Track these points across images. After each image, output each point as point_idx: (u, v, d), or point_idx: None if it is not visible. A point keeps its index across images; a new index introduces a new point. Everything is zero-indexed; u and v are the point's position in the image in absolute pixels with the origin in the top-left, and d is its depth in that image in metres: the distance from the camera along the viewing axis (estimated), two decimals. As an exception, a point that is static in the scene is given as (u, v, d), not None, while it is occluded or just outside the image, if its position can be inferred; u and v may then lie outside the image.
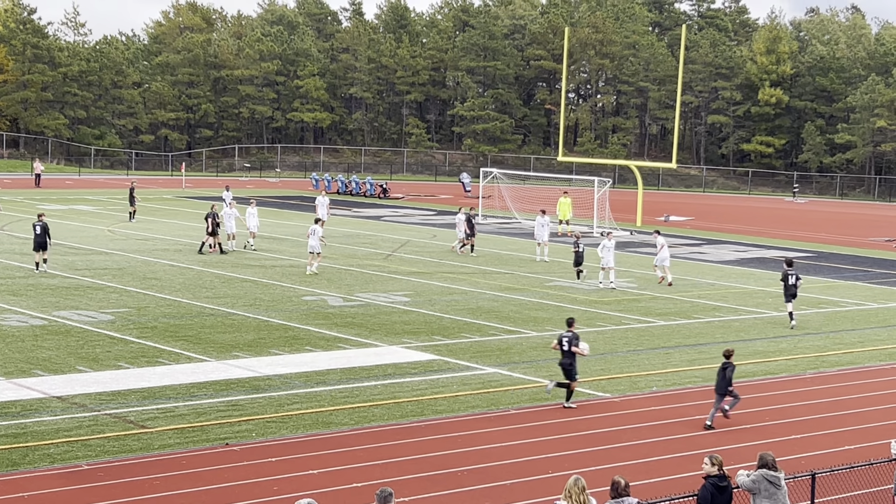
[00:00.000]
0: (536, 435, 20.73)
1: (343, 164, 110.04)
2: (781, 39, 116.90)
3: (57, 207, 61.66)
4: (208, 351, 26.68)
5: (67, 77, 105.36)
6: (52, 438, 19.32)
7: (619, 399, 23.76)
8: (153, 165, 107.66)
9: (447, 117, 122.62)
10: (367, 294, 36.11)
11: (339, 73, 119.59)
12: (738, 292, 40.11)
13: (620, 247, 53.71)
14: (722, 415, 21.87)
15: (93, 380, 23.41)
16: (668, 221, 69.46)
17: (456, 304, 34.98)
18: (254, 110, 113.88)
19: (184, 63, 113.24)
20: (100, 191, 77.39)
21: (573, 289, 39.16)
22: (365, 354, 27.15)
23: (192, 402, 21.99)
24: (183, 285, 36.41)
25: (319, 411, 21.78)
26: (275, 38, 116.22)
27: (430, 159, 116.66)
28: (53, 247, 43.46)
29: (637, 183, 69.66)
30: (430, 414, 21.92)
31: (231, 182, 75.72)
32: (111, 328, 28.87)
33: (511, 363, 26.74)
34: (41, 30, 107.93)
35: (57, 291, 34.26)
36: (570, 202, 58.94)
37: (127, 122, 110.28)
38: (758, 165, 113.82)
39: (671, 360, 27.98)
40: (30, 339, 27.19)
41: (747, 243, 57.95)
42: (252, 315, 31.58)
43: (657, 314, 34.59)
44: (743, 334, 31.91)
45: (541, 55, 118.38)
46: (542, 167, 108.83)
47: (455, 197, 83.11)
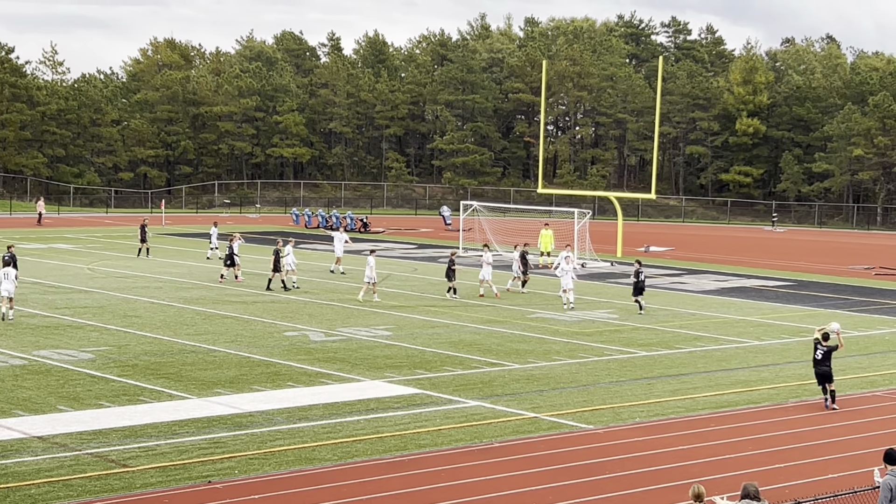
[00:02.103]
0: (520, 468, 20.68)
1: (323, 199, 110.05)
2: (758, 70, 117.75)
3: (36, 246, 61.45)
4: (190, 388, 26.56)
5: (46, 116, 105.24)
6: (33, 479, 19.17)
7: (602, 430, 23.74)
8: (133, 203, 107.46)
9: (427, 151, 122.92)
10: (348, 329, 36.05)
11: (319, 108, 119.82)
12: (720, 322, 40.19)
13: (601, 277, 53.88)
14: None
15: (74, 419, 23.27)
16: (648, 252, 69.61)
17: (438, 337, 34.94)
18: (233, 146, 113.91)
19: (162, 100, 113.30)
20: (79, 229, 77.16)
21: (555, 320, 39.18)
22: (347, 389, 27.07)
23: (174, 441, 21.87)
24: (164, 322, 36.28)
25: (302, 447, 21.69)
26: (253, 74, 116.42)
27: (410, 193, 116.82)
28: (33, 285, 43.28)
29: (617, 214, 69.88)
30: (413, 448, 21.85)
31: (211, 219, 75.65)
32: (92, 367, 28.73)
33: (494, 396, 26.70)
34: (19, 69, 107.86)
35: (37, 331, 34.09)
36: (551, 234, 59.05)
37: (106, 159, 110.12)
38: (736, 195, 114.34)
39: (654, 390, 27.99)
40: (10, 378, 27.02)
41: (728, 273, 58.11)
42: (233, 351, 31.47)
43: (639, 345, 34.63)
44: (724, 364, 31.95)
45: (519, 88, 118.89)
46: (522, 199, 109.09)
47: (436, 230, 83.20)
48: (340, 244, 52.83)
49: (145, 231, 57.67)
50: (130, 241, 67.54)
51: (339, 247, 52.73)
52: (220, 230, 60.45)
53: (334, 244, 53.11)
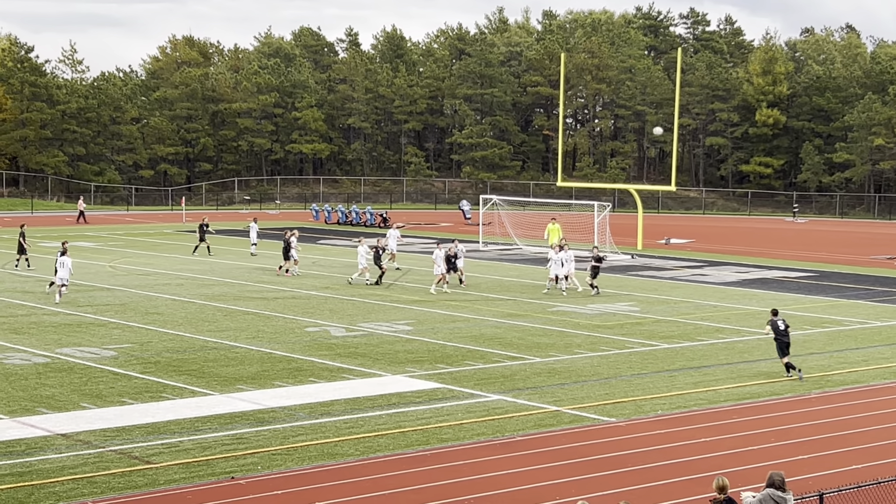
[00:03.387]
0: (542, 461, 20.67)
1: (342, 195, 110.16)
2: (777, 60, 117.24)
3: (58, 244, 61.63)
4: (212, 385, 26.65)
5: (66, 114, 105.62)
6: (57, 476, 19.27)
7: (624, 423, 23.71)
8: (153, 200, 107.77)
9: (445, 145, 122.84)
10: (369, 324, 36.10)
11: (337, 103, 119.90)
12: (741, 313, 40.08)
13: (622, 270, 53.78)
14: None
15: (97, 416, 23.38)
16: (668, 244, 69.47)
17: (459, 331, 34.95)
18: (252, 143, 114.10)
19: (182, 98, 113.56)
20: (100, 227, 77.44)
21: (576, 314, 39.15)
22: (369, 384, 27.11)
23: (197, 437, 21.95)
24: (185, 319, 36.41)
25: (324, 442, 21.74)
26: (272, 70, 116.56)
27: (429, 187, 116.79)
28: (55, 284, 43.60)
29: (637, 206, 69.73)
30: (435, 443, 21.87)
31: (231, 215, 75.82)
32: (114, 364, 28.86)
33: (515, 390, 26.70)
34: (39, 68, 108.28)
35: (59, 329, 34.25)
36: (558, 228, 58.85)
37: (126, 157, 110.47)
38: (757, 186, 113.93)
39: (675, 383, 27.94)
40: (33, 377, 27.17)
41: (749, 264, 57.93)
42: (255, 347, 31.56)
43: (660, 337, 34.56)
44: (747, 355, 31.87)
45: (538, 81, 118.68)
46: (541, 193, 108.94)
47: (455, 224, 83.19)
48: (394, 241, 52.10)
49: (205, 229, 57.70)
50: (152, 238, 67.81)
51: (392, 243, 51.89)
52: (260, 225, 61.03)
53: (388, 241, 51.61)
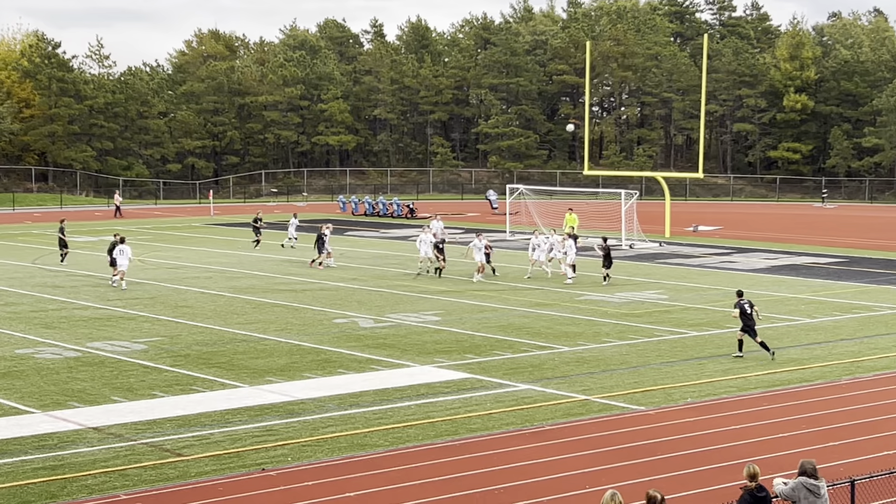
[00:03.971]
0: (572, 450, 20.66)
1: (369, 186, 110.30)
2: (804, 45, 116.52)
3: (87, 239, 62.06)
4: (241, 377, 26.76)
5: (93, 109, 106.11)
6: (89, 469, 19.40)
7: (653, 412, 23.66)
8: (181, 194, 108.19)
9: (471, 135, 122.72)
10: (397, 315, 36.15)
11: (363, 95, 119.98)
12: (770, 300, 39.90)
13: (650, 258, 53.64)
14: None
15: (128, 409, 23.52)
16: (696, 231, 69.23)
17: (487, 321, 34.95)
18: (279, 135, 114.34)
19: (208, 91, 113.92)
20: (129, 221, 77.81)
21: (604, 302, 39.07)
22: (397, 375, 27.16)
23: (228, 429, 22.04)
24: (214, 312, 36.55)
25: (354, 433, 21.79)
26: (297, 62, 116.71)
27: (455, 178, 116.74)
28: (86, 278, 43.90)
29: (664, 194, 69.50)
30: (464, 433, 21.89)
31: (259, 208, 76.03)
32: (145, 357, 29.01)
33: (544, 379, 26.68)
34: (66, 63, 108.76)
35: (90, 322, 34.45)
36: (575, 217, 58.69)
37: (154, 151, 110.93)
38: (785, 172, 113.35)
39: (705, 370, 27.85)
40: (64, 371, 27.35)
41: (778, 250, 57.66)
42: (284, 339, 31.66)
43: (689, 325, 34.46)
44: (776, 342, 31.71)
45: (563, 70, 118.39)
46: (568, 181, 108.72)
47: (482, 215, 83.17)
48: (480, 253, 46.68)
49: (258, 223, 57.79)
50: (180, 232, 68.08)
51: (478, 255, 46.77)
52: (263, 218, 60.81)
53: (473, 253, 46.71)
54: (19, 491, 18.24)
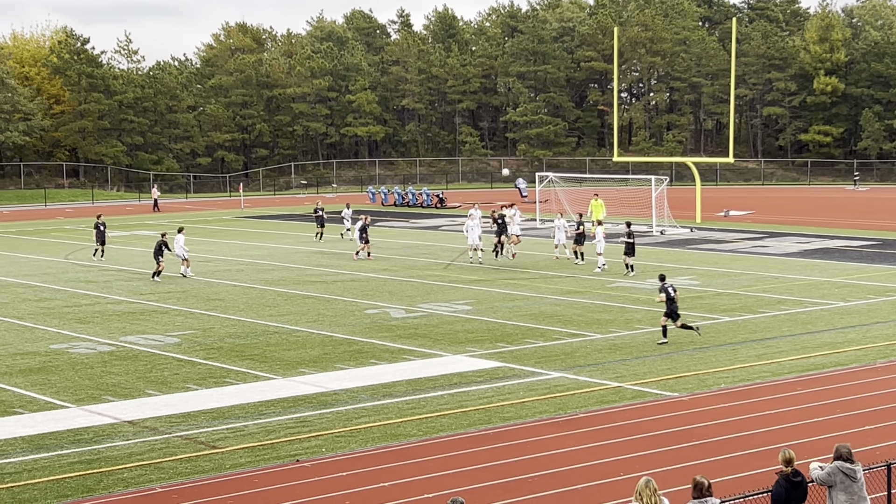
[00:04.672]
0: (605, 438, 20.62)
1: (398, 176, 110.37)
2: (834, 27, 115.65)
3: (119, 233, 62.40)
4: (274, 369, 26.85)
5: (123, 104, 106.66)
6: (125, 463, 19.52)
7: (687, 398, 23.58)
8: (211, 187, 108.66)
9: (500, 123, 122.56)
10: (428, 304, 36.16)
11: (391, 85, 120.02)
12: (804, 284, 39.68)
13: (681, 244, 53.43)
14: None
15: (162, 403, 23.64)
16: (728, 216, 68.91)
17: (518, 310, 34.92)
18: (308, 127, 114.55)
19: (236, 84, 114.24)
20: (161, 215, 78.20)
21: (636, 289, 38.96)
22: (430, 365, 27.17)
23: (261, 421, 22.12)
24: (246, 305, 36.68)
25: (387, 424, 21.82)
26: (325, 54, 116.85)
27: (484, 166, 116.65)
28: (118, 272, 44.20)
29: (695, 179, 69.20)
30: (497, 421, 21.88)
31: (288, 200, 76.16)
32: (178, 351, 29.15)
33: (576, 367, 26.64)
34: (95, 59, 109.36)
35: (123, 317, 34.65)
36: (601, 203, 58.48)
37: (183, 145, 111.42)
38: (816, 155, 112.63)
39: (738, 356, 27.73)
40: (99, 365, 27.52)
41: (810, 234, 57.33)
42: (316, 331, 31.73)
43: (722, 310, 34.32)
44: (810, 326, 31.55)
45: (591, 56, 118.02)
46: (597, 168, 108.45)
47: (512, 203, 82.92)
48: (562, 232, 48.15)
49: (320, 213, 57.78)
50: (211, 225, 68.34)
51: (560, 235, 48.05)
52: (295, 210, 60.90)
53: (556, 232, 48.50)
54: (56, 485, 18.38)
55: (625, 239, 42.53)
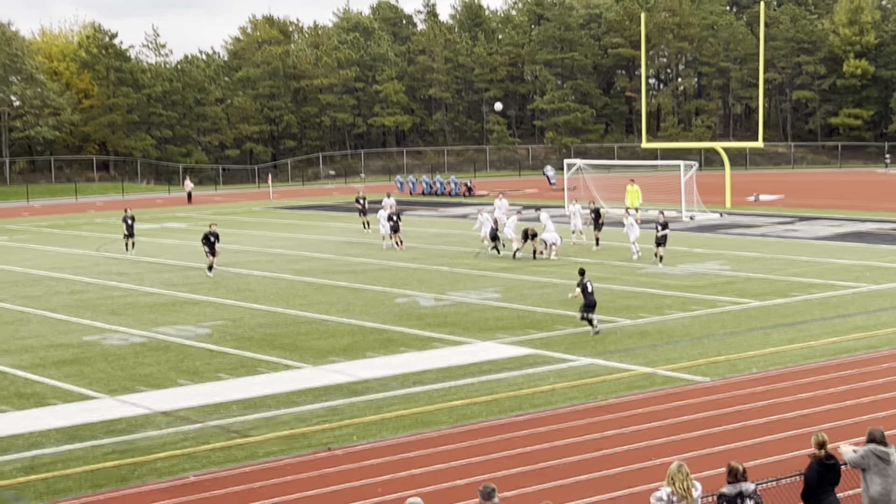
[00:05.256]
0: (636, 423, 20.58)
1: (426, 166, 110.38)
2: (863, 9, 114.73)
3: (149, 226, 62.70)
4: (305, 358, 26.93)
5: (151, 98, 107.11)
6: (158, 452, 19.63)
7: (718, 383, 23.50)
8: (240, 179, 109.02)
9: (527, 112, 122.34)
10: (458, 293, 36.16)
11: (417, 75, 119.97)
12: (835, 267, 39.46)
13: (711, 229, 53.22)
14: None
15: (195, 393, 23.76)
16: (757, 201, 68.57)
17: (548, 296, 34.87)
18: (335, 118, 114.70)
19: (264, 76, 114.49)
20: (190, 207, 78.52)
21: (666, 275, 38.84)
22: (460, 353, 27.18)
23: (293, 410, 22.20)
24: (276, 295, 36.79)
25: (418, 412, 21.85)
26: (351, 45, 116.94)
27: (512, 155, 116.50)
28: (149, 264, 44.47)
29: (724, 164, 68.89)
30: (528, 408, 21.88)
31: (317, 191, 76.33)
32: (209, 341, 29.27)
33: (606, 353, 26.59)
34: (123, 53, 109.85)
35: (155, 308, 34.82)
36: (637, 189, 58.33)
37: (212, 138, 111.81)
38: (847, 138, 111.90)
39: (770, 340, 27.60)
40: (131, 356, 27.68)
41: (841, 217, 56.98)
42: (346, 320, 31.80)
43: (753, 295, 34.16)
44: (842, 310, 31.37)
45: (618, 43, 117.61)
46: (626, 155, 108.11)
47: (541, 191, 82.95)
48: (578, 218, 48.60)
49: (363, 203, 57.61)
50: (241, 216, 68.57)
51: (577, 220, 48.46)
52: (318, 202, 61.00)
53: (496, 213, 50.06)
54: (91, 475, 18.51)
55: (659, 229, 41.76)
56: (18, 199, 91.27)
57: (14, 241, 57.95)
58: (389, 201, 55.47)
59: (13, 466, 19.06)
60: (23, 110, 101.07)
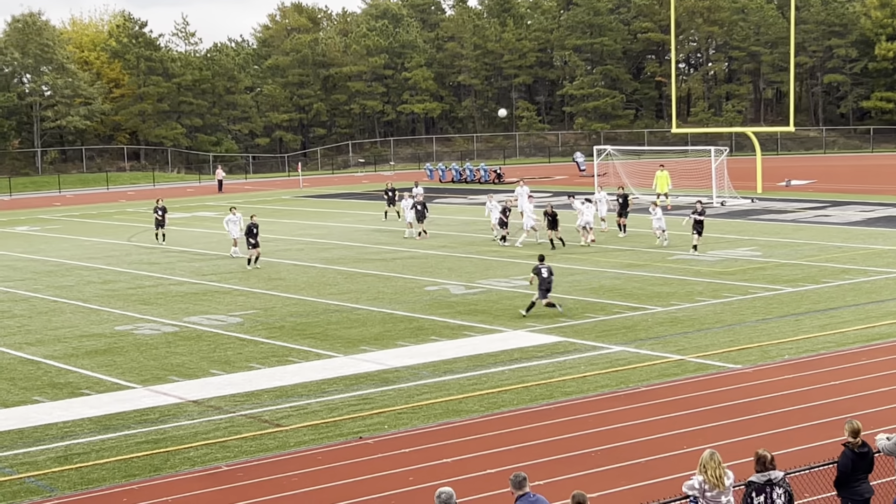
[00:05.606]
0: (668, 411, 20.53)
1: (455, 153, 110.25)
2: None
3: (180, 215, 62.95)
4: (336, 347, 26.99)
5: (182, 87, 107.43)
6: (190, 442, 19.74)
7: (750, 370, 23.40)
8: (270, 167, 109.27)
9: (557, 98, 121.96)
10: (488, 281, 36.15)
11: (446, 61, 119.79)
12: (867, 253, 39.20)
13: (742, 215, 52.96)
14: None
15: (226, 382, 23.86)
16: (789, 186, 68.17)
17: (578, 284, 34.81)
18: (364, 105, 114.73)
19: (293, 64, 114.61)
20: (221, 196, 78.77)
21: (696, 261, 38.69)
22: (490, 341, 27.18)
23: (324, 399, 22.27)
24: (307, 284, 36.89)
25: (449, 400, 21.88)
26: (380, 32, 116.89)
27: (542, 141, 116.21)
28: (180, 254, 44.69)
29: (755, 149, 68.50)
30: (558, 396, 21.86)
31: (346, 179, 76.40)
32: (240, 330, 29.39)
33: (637, 340, 26.53)
34: (153, 42, 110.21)
35: (186, 298, 34.99)
36: (667, 175, 58.06)
37: (242, 126, 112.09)
38: (879, 122, 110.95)
39: (802, 326, 27.46)
40: (163, 346, 27.83)
41: (873, 202, 56.56)
42: (376, 309, 31.85)
43: (784, 281, 33.99)
44: (874, 295, 31.17)
45: (648, 27, 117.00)
46: (656, 141, 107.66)
47: (570, 177, 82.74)
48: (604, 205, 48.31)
49: (392, 194, 57.48)
50: (271, 205, 68.74)
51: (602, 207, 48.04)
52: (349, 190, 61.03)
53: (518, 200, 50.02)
54: (124, 465, 18.63)
55: (695, 216, 40.83)
56: (51, 188, 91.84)
57: (46, 230, 58.34)
58: (418, 190, 55.46)
59: (47, 456, 19.21)
60: (54, 100, 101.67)
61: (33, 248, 50.16)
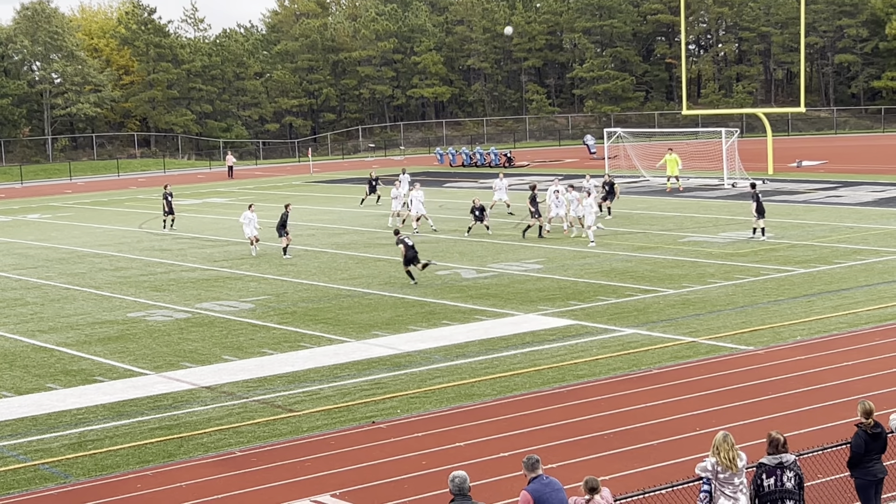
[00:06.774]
0: (680, 393, 20.53)
1: (466, 137, 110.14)
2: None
3: (191, 202, 63.04)
4: (348, 332, 27.03)
5: (191, 73, 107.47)
6: (204, 428, 19.79)
7: (762, 351, 23.38)
8: (280, 153, 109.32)
9: (566, 80, 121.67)
10: (499, 264, 36.15)
11: (456, 45, 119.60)
12: (880, 233, 39.09)
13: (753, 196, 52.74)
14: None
15: (239, 368, 23.92)
16: (800, 167, 67.98)
17: (589, 267, 34.79)
18: (374, 90, 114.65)
19: (302, 49, 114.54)
20: (231, 182, 78.82)
21: (708, 243, 38.63)
22: (502, 324, 27.19)
23: (337, 384, 22.31)
24: (318, 269, 36.92)
25: (461, 384, 21.90)
26: (389, 16, 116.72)
27: (552, 124, 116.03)
28: (191, 240, 44.75)
29: (766, 130, 68.31)
30: (571, 379, 21.87)
31: (357, 164, 76.30)
32: (252, 316, 29.44)
33: (649, 323, 26.51)
34: (162, 29, 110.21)
35: (198, 284, 35.05)
36: (676, 158, 57.88)
37: (252, 112, 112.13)
38: (890, 102, 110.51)
39: (814, 307, 27.42)
40: (175, 332, 27.89)
41: (885, 182, 56.39)
42: (388, 293, 31.87)
43: (796, 262, 33.93)
44: (887, 276, 31.09)
45: (657, 9, 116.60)
46: (666, 123, 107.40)
47: (581, 160, 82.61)
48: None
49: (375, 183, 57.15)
50: (281, 191, 68.77)
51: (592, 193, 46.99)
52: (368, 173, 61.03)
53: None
54: (138, 451, 18.69)
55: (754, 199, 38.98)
56: (61, 176, 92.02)
57: (58, 218, 58.47)
58: (404, 177, 55.20)
59: (61, 443, 19.29)
60: (64, 87, 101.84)
61: (45, 235, 50.28)
